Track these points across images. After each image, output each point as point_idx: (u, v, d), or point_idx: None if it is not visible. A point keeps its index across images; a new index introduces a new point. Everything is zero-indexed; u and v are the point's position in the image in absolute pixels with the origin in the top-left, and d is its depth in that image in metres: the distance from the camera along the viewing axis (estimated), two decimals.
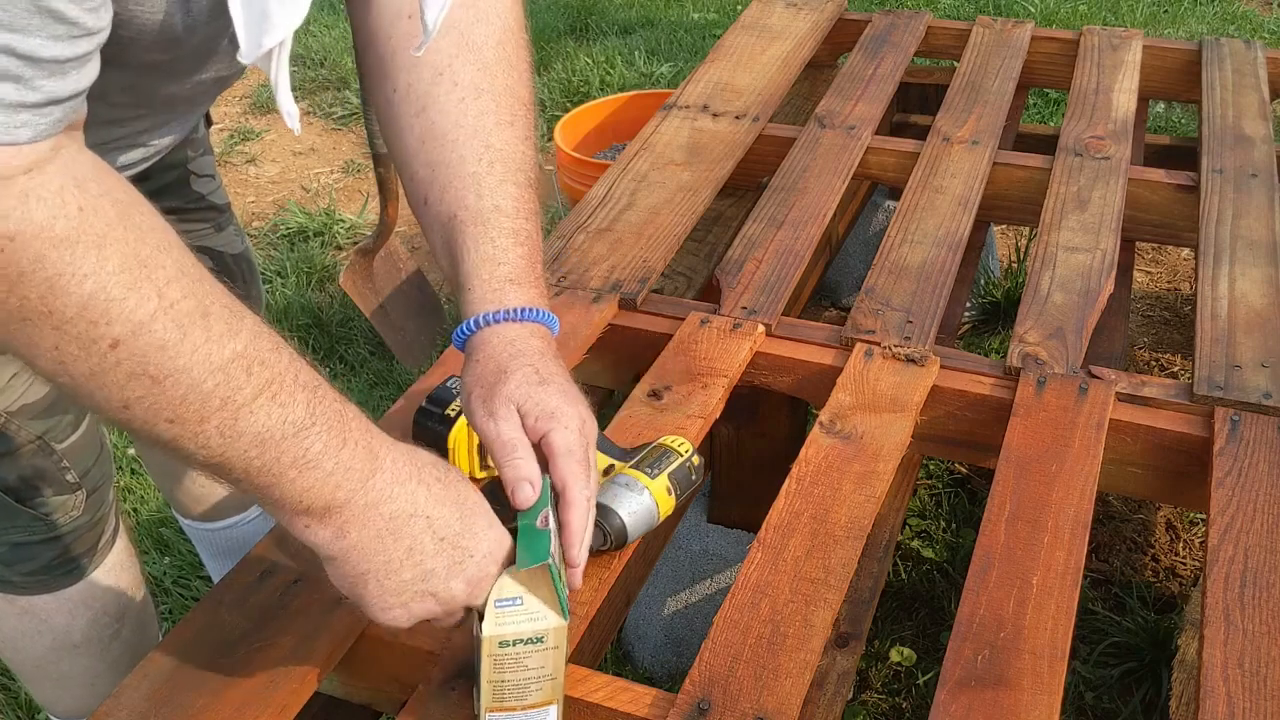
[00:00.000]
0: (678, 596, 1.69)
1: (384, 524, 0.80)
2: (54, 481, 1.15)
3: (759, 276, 1.46)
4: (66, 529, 1.18)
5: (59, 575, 1.22)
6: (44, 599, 1.23)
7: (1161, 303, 2.53)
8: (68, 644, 1.26)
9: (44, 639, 1.25)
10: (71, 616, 1.24)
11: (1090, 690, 1.67)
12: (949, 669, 0.97)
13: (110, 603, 1.26)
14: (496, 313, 0.93)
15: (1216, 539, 1.09)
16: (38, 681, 1.31)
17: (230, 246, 1.36)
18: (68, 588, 1.23)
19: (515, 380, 0.91)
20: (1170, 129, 3.14)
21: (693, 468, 1.09)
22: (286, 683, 0.96)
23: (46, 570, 1.21)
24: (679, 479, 1.07)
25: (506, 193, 0.96)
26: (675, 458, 1.08)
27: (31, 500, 1.13)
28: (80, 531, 1.21)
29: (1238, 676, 0.96)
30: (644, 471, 1.06)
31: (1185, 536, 1.91)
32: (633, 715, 0.95)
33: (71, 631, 1.25)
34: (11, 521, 1.15)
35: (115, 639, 1.29)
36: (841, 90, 1.91)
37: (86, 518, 1.20)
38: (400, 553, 0.81)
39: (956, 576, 1.84)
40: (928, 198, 1.62)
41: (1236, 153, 1.73)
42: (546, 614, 0.86)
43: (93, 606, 1.25)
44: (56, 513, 1.16)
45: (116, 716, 0.94)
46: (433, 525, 0.82)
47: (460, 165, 0.96)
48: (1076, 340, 1.34)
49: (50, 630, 1.25)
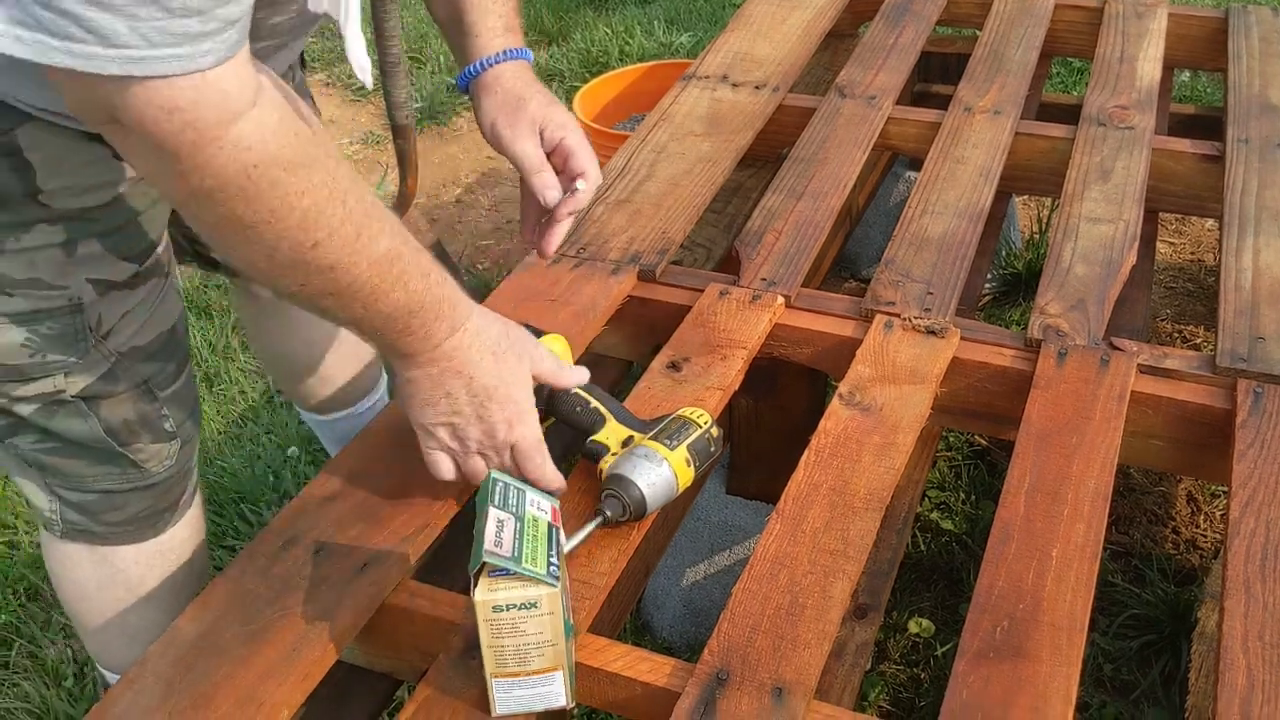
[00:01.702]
0: (697, 567, 1.69)
1: (437, 372, 1.01)
2: (153, 428, 1.19)
3: (778, 248, 1.46)
4: (158, 478, 1.22)
5: (143, 526, 1.25)
6: (125, 549, 1.26)
7: (1184, 274, 2.51)
8: (140, 595, 1.29)
9: (117, 589, 1.28)
10: (148, 568, 1.28)
11: (1109, 662, 1.67)
12: (968, 640, 0.97)
13: (183, 558, 1.31)
14: (502, 53, 1.16)
15: (1238, 512, 1.08)
16: (101, 632, 1.34)
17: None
18: (148, 539, 1.26)
19: (534, 104, 1.16)
20: (1195, 98, 3.10)
21: (711, 439, 1.09)
22: (308, 651, 0.97)
23: (133, 521, 1.24)
24: (698, 450, 1.07)
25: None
26: (694, 429, 1.08)
27: (130, 445, 1.17)
28: (170, 483, 1.24)
29: (1258, 649, 0.95)
30: (663, 443, 1.06)
31: (1206, 509, 1.91)
32: (651, 685, 0.96)
33: (145, 582, 1.29)
34: (108, 468, 1.18)
35: (183, 593, 1.32)
36: (862, 60, 1.90)
37: (177, 469, 1.24)
38: (439, 394, 1.02)
39: (975, 548, 1.84)
40: (949, 168, 1.61)
41: (1262, 122, 1.71)
42: (539, 580, 0.87)
43: (168, 560, 1.29)
44: (151, 461, 1.20)
45: (142, 683, 0.96)
46: (470, 385, 1.01)
47: None
48: (1098, 312, 1.33)
49: (125, 581, 1.28)
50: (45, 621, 1.88)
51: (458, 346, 1.00)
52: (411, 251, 0.95)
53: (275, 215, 0.83)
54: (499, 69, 1.17)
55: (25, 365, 1.07)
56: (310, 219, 0.85)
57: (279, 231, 0.85)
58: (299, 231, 0.85)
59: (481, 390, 1.02)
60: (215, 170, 0.80)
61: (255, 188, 0.82)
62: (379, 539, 1.08)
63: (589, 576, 1.04)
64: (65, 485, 1.19)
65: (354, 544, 1.07)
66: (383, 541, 1.08)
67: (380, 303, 0.93)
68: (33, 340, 1.06)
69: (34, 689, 1.75)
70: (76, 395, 1.11)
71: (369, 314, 0.94)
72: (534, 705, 0.93)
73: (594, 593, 1.02)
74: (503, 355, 1.03)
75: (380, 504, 1.12)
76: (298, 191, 0.84)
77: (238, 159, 0.80)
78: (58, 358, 1.08)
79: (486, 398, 1.02)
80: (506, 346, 1.04)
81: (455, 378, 1.01)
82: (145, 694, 0.95)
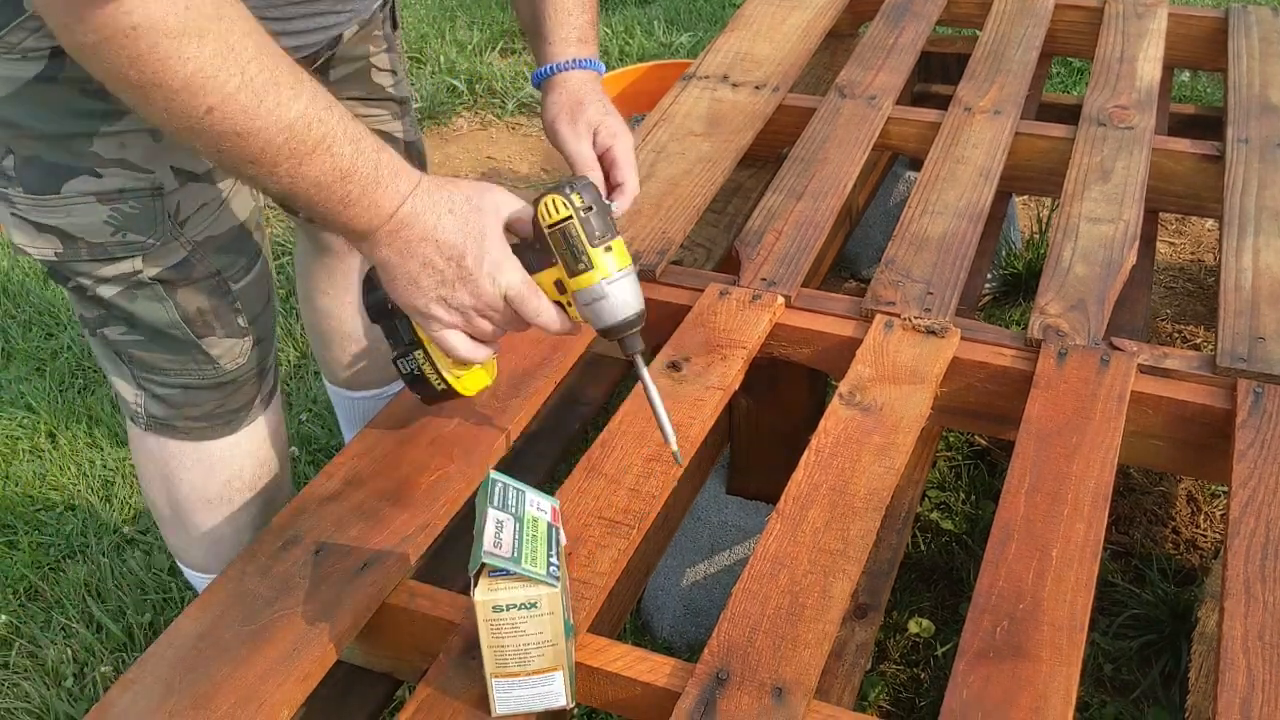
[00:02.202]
0: (696, 567, 1.69)
1: (401, 244, 1.01)
2: (226, 322, 1.24)
3: (779, 248, 1.46)
4: (231, 375, 1.27)
5: (218, 424, 1.30)
6: (194, 448, 1.31)
7: (1184, 274, 2.52)
8: (201, 498, 1.35)
9: (182, 488, 1.34)
10: (208, 473, 1.33)
11: (1109, 662, 1.67)
12: (968, 640, 0.97)
13: (247, 465, 1.35)
14: (572, 60, 1.27)
15: (1238, 511, 1.08)
16: (172, 527, 1.40)
17: (406, 134, 1.50)
18: (223, 438, 1.32)
19: (593, 109, 1.28)
20: (1195, 98, 3.10)
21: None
22: (309, 651, 0.97)
23: (208, 418, 1.29)
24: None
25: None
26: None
27: (205, 337, 1.23)
28: (241, 382, 1.29)
29: (1258, 649, 0.95)
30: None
31: (1206, 509, 1.91)
32: (651, 685, 0.96)
33: (206, 487, 1.34)
34: (185, 360, 1.24)
35: (244, 506, 1.37)
36: (862, 60, 1.90)
37: (252, 366, 1.29)
38: (416, 266, 1.02)
39: (975, 548, 1.84)
40: (949, 168, 1.61)
41: (1262, 122, 1.71)
42: (539, 580, 0.87)
43: (229, 467, 1.34)
44: (225, 357, 1.26)
45: (142, 683, 0.96)
46: (440, 248, 1.01)
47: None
48: (1098, 312, 1.33)
49: (188, 481, 1.34)
50: (45, 621, 1.88)
51: (413, 212, 1.00)
52: (337, 119, 0.95)
53: (159, 78, 0.86)
54: (568, 74, 1.27)
55: (108, 243, 1.14)
56: (196, 84, 0.87)
57: (166, 95, 0.87)
58: (186, 95, 0.87)
59: (452, 250, 1.02)
60: (96, 27, 0.83)
61: (136, 49, 0.85)
62: (379, 539, 1.08)
63: (589, 576, 1.04)
64: (150, 378, 1.26)
65: (354, 544, 1.07)
66: (383, 541, 1.08)
67: (305, 167, 0.94)
68: (115, 218, 1.13)
69: (34, 689, 1.75)
70: (154, 278, 1.17)
71: (297, 181, 0.95)
72: (534, 705, 0.93)
73: (594, 593, 1.02)
74: (462, 211, 1.02)
75: (380, 504, 1.12)
76: (180, 58, 0.86)
77: (117, 20, 0.83)
78: (137, 238, 1.15)
79: (460, 256, 1.02)
80: (463, 200, 1.03)
81: (422, 244, 1.01)
82: (145, 694, 0.95)
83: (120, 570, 1.95)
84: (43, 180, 1.11)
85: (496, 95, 3.47)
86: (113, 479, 2.15)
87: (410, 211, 1.00)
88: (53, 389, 2.38)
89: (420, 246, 1.01)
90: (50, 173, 1.10)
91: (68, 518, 2.08)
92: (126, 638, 1.84)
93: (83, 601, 1.90)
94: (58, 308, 2.63)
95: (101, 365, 1.29)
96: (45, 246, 1.15)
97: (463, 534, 1.28)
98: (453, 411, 1.22)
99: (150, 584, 1.92)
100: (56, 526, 2.06)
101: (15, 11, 1.02)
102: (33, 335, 2.56)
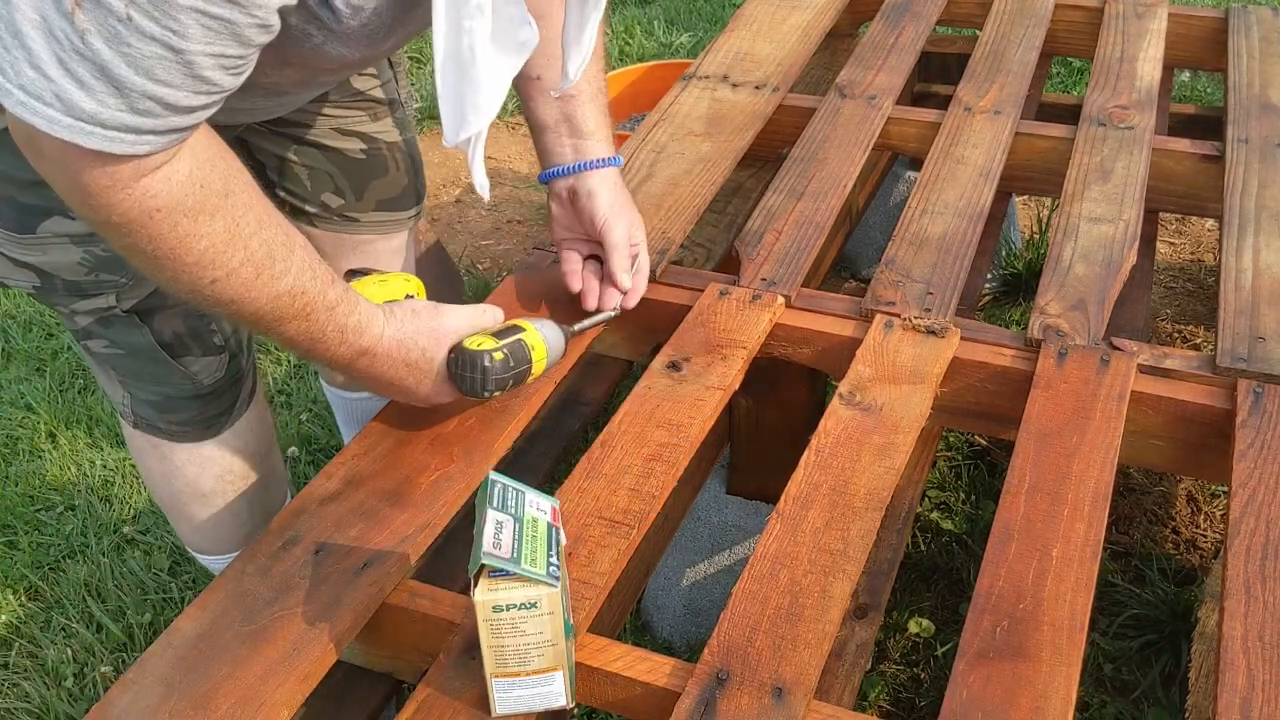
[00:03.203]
0: (696, 567, 1.69)
1: (358, 377, 1.12)
2: (203, 341, 1.31)
3: (779, 248, 1.46)
4: (209, 388, 1.34)
5: (199, 428, 1.37)
6: (182, 448, 1.38)
7: (1184, 274, 2.51)
8: (197, 492, 1.42)
9: (176, 484, 1.41)
10: (201, 469, 1.40)
11: (1109, 662, 1.67)
12: (968, 640, 0.97)
13: (236, 461, 1.42)
14: (612, 158, 1.33)
15: (1238, 511, 1.08)
16: (175, 517, 1.48)
17: (385, 135, 1.48)
18: (203, 441, 1.38)
19: (633, 210, 1.34)
20: (1195, 98, 3.10)
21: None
22: (309, 651, 0.97)
23: (189, 423, 1.36)
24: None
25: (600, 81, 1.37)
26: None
27: (182, 358, 1.30)
28: (221, 391, 1.36)
29: (1258, 649, 0.95)
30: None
31: (1206, 509, 1.91)
32: (651, 684, 0.96)
33: (200, 482, 1.41)
34: (165, 375, 1.30)
35: (239, 496, 1.43)
36: (862, 60, 1.90)
37: (230, 377, 1.36)
38: (371, 387, 1.15)
39: (975, 548, 1.84)
40: (949, 168, 1.61)
41: (1262, 122, 1.71)
42: (539, 580, 0.87)
43: (220, 463, 1.41)
44: (202, 374, 1.32)
45: (142, 684, 0.96)
46: (391, 389, 1.15)
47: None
48: (1098, 312, 1.33)
49: (182, 477, 1.41)
50: (45, 622, 1.88)
51: (370, 367, 1.11)
52: (319, 287, 1.03)
53: (174, 254, 0.92)
54: (608, 171, 1.32)
55: (82, 282, 1.19)
56: (208, 259, 0.94)
57: (178, 267, 0.93)
58: (197, 269, 0.94)
59: (402, 391, 1.15)
60: (121, 211, 0.88)
61: (157, 229, 0.90)
62: (379, 539, 1.08)
63: (589, 576, 1.04)
64: (134, 384, 1.32)
65: (354, 544, 1.07)
66: (383, 541, 1.08)
67: (284, 329, 1.03)
68: (88, 259, 1.17)
69: (34, 689, 1.75)
70: (129, 310, 1.23)
71: (272, 333, 1.04)
72: (534, 705, 0.93)
73: (594, 593, 1.02)
74: (417, 365, 1.13)
75: (380, 504, 1.12)
76: (195, 235, 0.92)
77: (144, 204, 0.89)
78: (110, 277, 1.19)
79: (408, 396, 1.16)
80: (417, 355, 1.13)
81: (380, 383, 1.14)
82: (145, 694, 0.95)
83: (120, 570, 1.95)
84: (19, 220, 1.14)
85: None
86: (113, 479, 2.15)
87: (369, 365, 1.11)
88: (53, 389, 2.38)
89: (373, 384, 1.14)
90: (26, 213, 1.13)
91: (68, 518, 2.08)
92: (126, 638, 1.84)
93: (83, 601, 1.90)
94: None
95: (90, 367, 1.34)
96: (23, 280, 1.20)
97: (463, 534, 1.28)
98: (453, 411, 1.22)
99: (150, 584, 1.92)
100: (56, 526, 2.06)
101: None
102: (33, 335, 2.56)
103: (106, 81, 0.80)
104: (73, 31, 0.77)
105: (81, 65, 0.79)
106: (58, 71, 0.79)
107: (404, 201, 1.53)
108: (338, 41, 0.99)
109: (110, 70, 0.79)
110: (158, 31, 0.79)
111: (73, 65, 0.79)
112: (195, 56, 0.82)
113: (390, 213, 1.52)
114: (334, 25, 0.96)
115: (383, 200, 1.50)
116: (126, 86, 0.80)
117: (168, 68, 0.81)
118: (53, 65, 0.79)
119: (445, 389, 1.16)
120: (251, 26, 0.84)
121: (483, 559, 0.86)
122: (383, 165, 1.48)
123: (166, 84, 0.82)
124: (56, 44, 0.78)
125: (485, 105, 1.01)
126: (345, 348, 1.07)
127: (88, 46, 0.78)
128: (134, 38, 0.78)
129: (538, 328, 1.21)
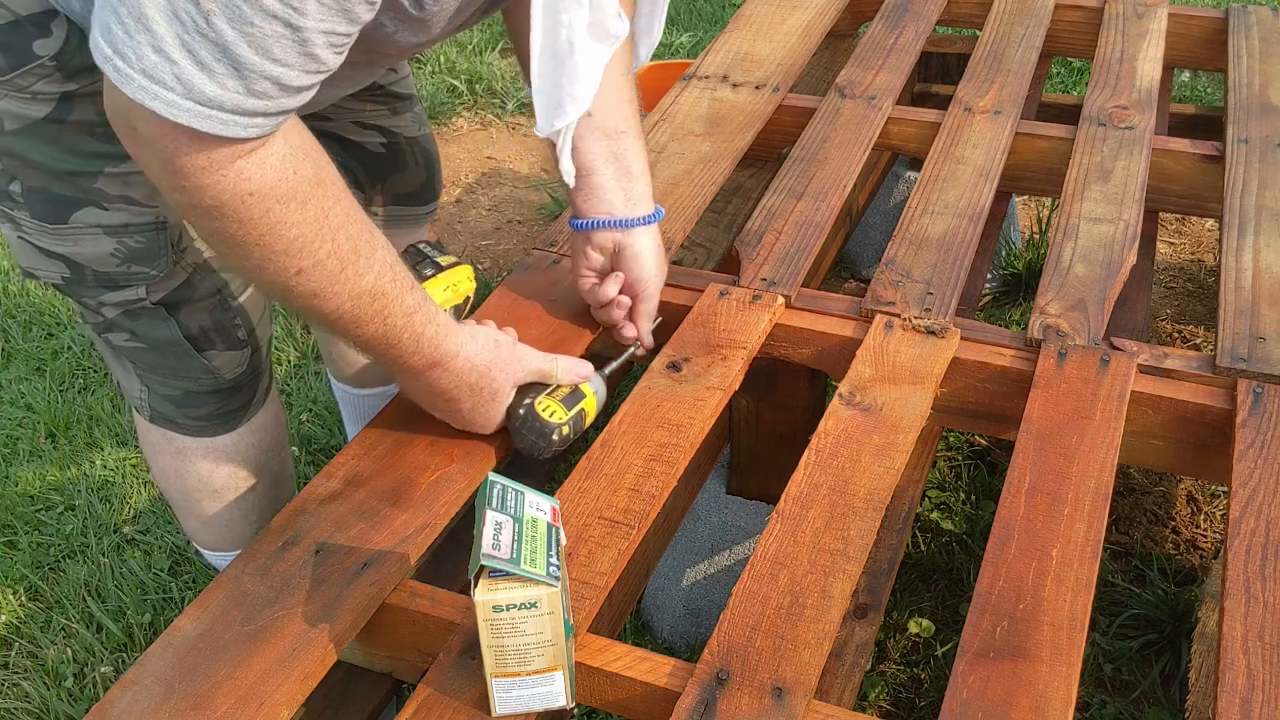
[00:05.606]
0: (697, 568, 1.69)
1: (416, 392, 1.15)
2: (227, 336, 1.30)
3: (779, 248, 1.46)
4: (230, 382, 1.33)
5: (216, 423, 1.36)
6: (198, 443, 1.37)
7: (1184, 274, 2.51)
8: (209, 488, 1.41)
9: (189, 479, 1.40)
10: (215, 464, 1.39)
11: (1109, 662, 1.67)
12: (968, 640, 0.97)
13: (249, 458, 1.41)
14: (655, 213, 1.31)
15: (1238, 511, 1.08)
16: (184, 513, 1.47)
17: (405, 130, 1.49)
18: (218, 436, 1.37)
19: (665, 263, 1.34)
20: (1195, 98, 3.10)
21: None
22: (309, 651, 0.97)
23: (207, 419, 1.35)
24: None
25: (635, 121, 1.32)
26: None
27: (206, 351, 1.29)
28: (241, 386, 1.35)
29: (1258, 649, 0.95)
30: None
31: (1206, 509, 1.91)
32: (651, 685, 0.96)
33: (213, 477, 1.40)
34: (187, 370, 1.29)
35: (250, 491, 1.43)
36: (862, 60, 1.90)
37: (250, 372, 1.35)
38: (426, 403, 1.16)
39: (975, 548, 1.84)
40: (949, 168, 1.61)
41: (1262, 122, 1.71)
42: (539, 580, 0.87)
43: (234, 459, 1.40)
44: (224, 368, 1.31)
45: (142, 684, 0.96)
46: (449, 410, 1.15)
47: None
48: (1098, 312, 1.33)
49: (195, 473, 1.40)
50: (45, 622, 1.88)
51: (437, 381, 1.11)
52: (398, 290, 1.03)
53: (264, 240, 0.92)
54: (653, 227, 1.31)
55: (114, 273, 1.18)
56: (296, 248, 0.93)
57: (265, 255, 0.93)
58: (284, 258, 0.93)
59: (453, 409, 1.15)
60: (215, 193, 0.88)
61: (249, 213, 0.90)
62: (379, 539, 1.08)
63: (589, 576, 1.04)
64: (153, 378, 1.31)
65: (354, 544, 1.07)
66: (383, 541, 1.08)
67: (360, 330, 1.03)
68: (120, 250, 1.17)
69: (34, 689, 1.75)
70: (157, 303, 1.22)
71: (349, 333, 1.03)
72: (534, 705, 0.93)
73: (594, 593, 1.02)
74: (480, 391, 1.14)
75: (380, 504, 1.12)
76: (287, 223, 0.91)
77: (237, 187, 0.88)
78: (141, 269, 1.19)
79: (453, 414, 1.16)
80: (485, 383, 1.14)
81: (436, 397, 1.14)
82: (145, 694, 0.95)
83: (120, 570, 1.95)
84: (52, 210, 1.14)
85: (496, 95, 3.47)
86: (113, 479, 2.15)
87: (435, 380, 1.11)
88: (53, 389, 2.39)
89: (432, 400, 1.15)
90: (59, 204, 1.13)
91: (68, 518, 2.08)
92: (126, 638, 1.84)
93: (83, 601, 1.90)
94: (58, 308, 2.63)
95: (106, 361, 1.32)
96: (52, 271, 1.19)
97: (463, 534, 1.28)
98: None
99: (150, 584, 1.92)
100: (56, 526, 2.06)
101: (27, 56, 1.04)
102: (33, 335, 2.56)
103: (227, 63, 0.81)
104: (198, 13, 0.79)
105: (205, 47, 0.80)
106: (181, 54, 0.80)
107: (421, 197, 1.54)
108: (406, 29, 1.00)
109: (231, 50, 0.80)
110: (279, 9, 0.80)
111: (196, 47, 0.80)
112: (310, 34, 0.83)
113: (407, 207, 1.52)
114: (415, 11, 0.96)
115: (400, 195, 1.50)
116: (246, 67, 0.81)
117: (285, 46, 0.82)
118: (176, 48, 0.80)
119: (493, 424, 1.17)
120: (360, 3, 0.85)
121: (482, 560, 0.86)
122: (401, 160, 1.48)
123: (282, 63, 0.83)
124: (180, 26, 0.79)
125: (582, 94, 1.05)
126: (419, 357, 1.08)
127: (212, 28, 0.79)
128: (257, 16, 0.80)
129: (594, 390, 1.23)
